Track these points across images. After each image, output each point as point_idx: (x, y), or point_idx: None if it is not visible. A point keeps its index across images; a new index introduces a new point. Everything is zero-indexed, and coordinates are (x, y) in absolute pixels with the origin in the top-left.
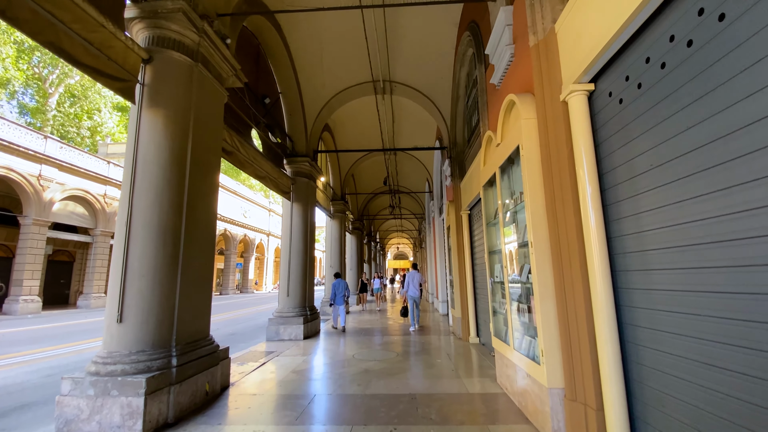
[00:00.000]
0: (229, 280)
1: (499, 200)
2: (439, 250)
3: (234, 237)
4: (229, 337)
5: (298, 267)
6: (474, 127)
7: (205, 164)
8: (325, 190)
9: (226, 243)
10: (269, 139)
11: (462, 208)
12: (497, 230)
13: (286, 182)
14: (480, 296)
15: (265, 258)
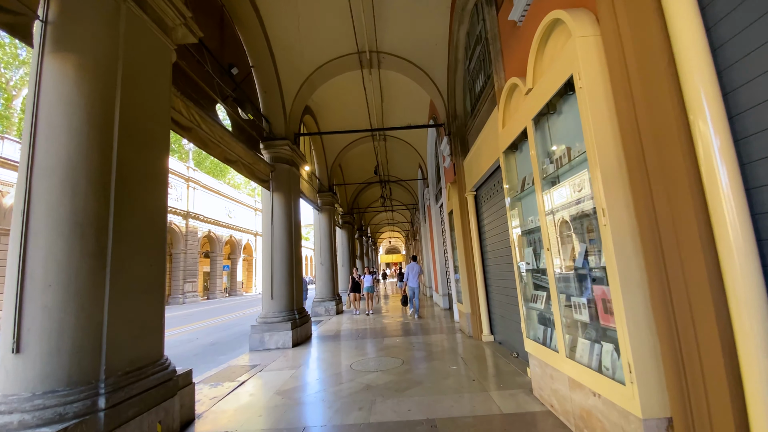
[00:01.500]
0: (216, 283)
1: (535, 163)
2: (437, 240)
3: (219, 238)
4: (209, 349)
5: (283, 265)
6: (479, 92)
7: (146, 136)
8: (310, 181)
9: (211, 245)
10: (239, 117)
11: (466, 189)
12: (531, 204)
13: (263, 169)
14: (493, 288)
15: (254, 259)
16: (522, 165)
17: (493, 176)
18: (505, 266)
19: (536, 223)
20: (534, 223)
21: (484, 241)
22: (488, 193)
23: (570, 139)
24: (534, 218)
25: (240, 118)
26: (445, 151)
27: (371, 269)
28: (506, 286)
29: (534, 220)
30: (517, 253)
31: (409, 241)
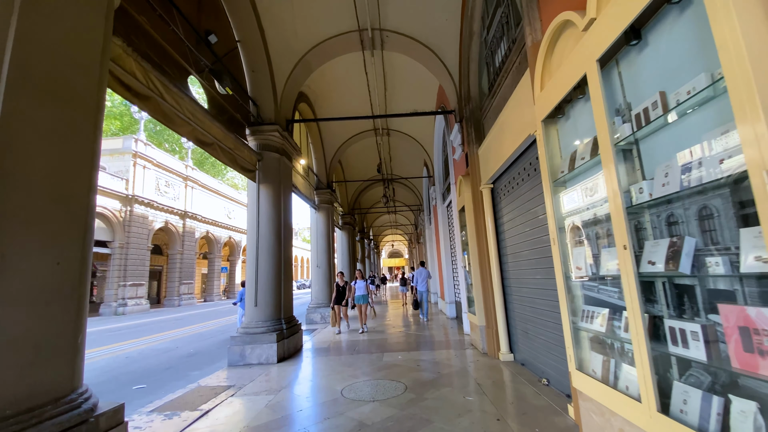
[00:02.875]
0: (214, 285)
1: (602, 122)
2: (444, 242)
3: (218, 239)
4: (185, 361)
5: (270, 268)
6: (500, 65)
7: (58, 86)
8: (307, 177)
9: (210, 246)
10: (217, 94)
11: (482, 182)
12: (586, 186)
13: (248, 157)
14: (514, 298)
15: None
16: (571, 135)
17: (516, 163)
18: (531, 271)
19: (598, 212)
20: (594, 213)
21: (503, 241)
22: (509, 185)
23: (664, 81)
24: (595, 205)
25: (218, 95)
26: (455, 141)
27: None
28: (532, 295)
29: (594, 208)
30: (558, 254)
31: (412, 244)
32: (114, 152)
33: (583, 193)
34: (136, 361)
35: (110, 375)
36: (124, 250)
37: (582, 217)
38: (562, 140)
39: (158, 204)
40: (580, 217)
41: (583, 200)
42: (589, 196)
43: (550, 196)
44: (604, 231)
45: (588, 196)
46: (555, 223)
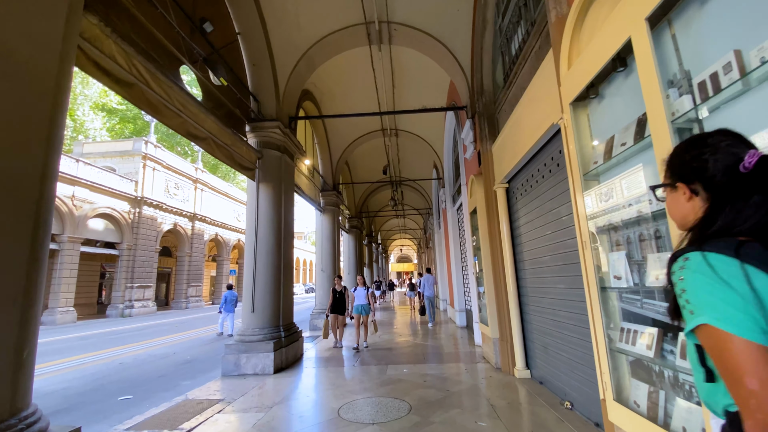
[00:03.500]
0: (223, 288)
1: (656, 95)
2: (454, 247)
3: (227, 242)
4: (180, 368)
5: (269, 271)
6: (516, 52)
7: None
8: (312, 178)
9: (218, 248)
10: (213, 85)
11: (496, 181)
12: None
13: (247, 154)
14: (532, 308)
15: None
16: (606, 119)
17: (536, 159)
18: (552, 279)
19: (643, 209)
20: (638, 210)
21: (519, 245)
22: (527, 184)
23: (740, 37)
24: (640, 200)
25: (215, 87)
26: (467, 138)
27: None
28: (553, 306)
29: (639, 204)
30: (591, 261)
31: (421, 249)
32: (124, 154)
33: (623, 186)
34: (129, 368)
35: (98, 384)
36: (132, 251)
37: (622, 215)
38: (595, 126)
39: (167, 206)
40: (619, 215)
41: (623, 195)
42: (630, 189)
43: (580, 192)
44: (651, 232)
45: (629, 190)
46: (586, 223)
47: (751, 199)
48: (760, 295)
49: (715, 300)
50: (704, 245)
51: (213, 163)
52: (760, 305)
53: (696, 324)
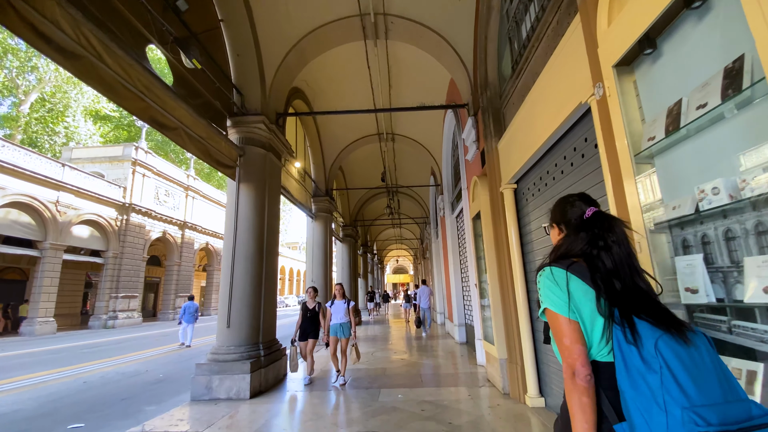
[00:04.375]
0: (212, 299)
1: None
2: (453, 256)
3: (218, 252)
4: (148, 389)
5: (248, 281)
6: (528, 35)
7: None
8: (303, 182)
9: (209, 258)
10: (185, 67)
11: (502, 182)
12: (707, 154)
13: (226, 150)
14: None
15: None
16: (666, 81)
17: (552, 153)
18: None
19: (739, 192)
20: (724, 196)
21: (530, 253)
22: (541, 183)
23: None
24: (726, 182)
25: (188, 73)
26: (468, 138)
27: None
28: None
29: (728, 187)
30: (649, 268)
31: (417, 260)
32: (113, 159)
33: (698, 164)
34: (93, 388)
35: (52, 406)
36: (117, 260)
37: (694, 205)
38: (648, 93)
39: (156, 213)
40: (688, 205)
41: (699, 176)
42: (711, 167)
43: (630, 179)
44: (748, 225)
45: (709, 169)
46: (641, 219)
47: (580, 235)
48: (571, 291)
49: (551, 294)
50: (552, 263)
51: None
52: (571, 297)
53: (543, 308)
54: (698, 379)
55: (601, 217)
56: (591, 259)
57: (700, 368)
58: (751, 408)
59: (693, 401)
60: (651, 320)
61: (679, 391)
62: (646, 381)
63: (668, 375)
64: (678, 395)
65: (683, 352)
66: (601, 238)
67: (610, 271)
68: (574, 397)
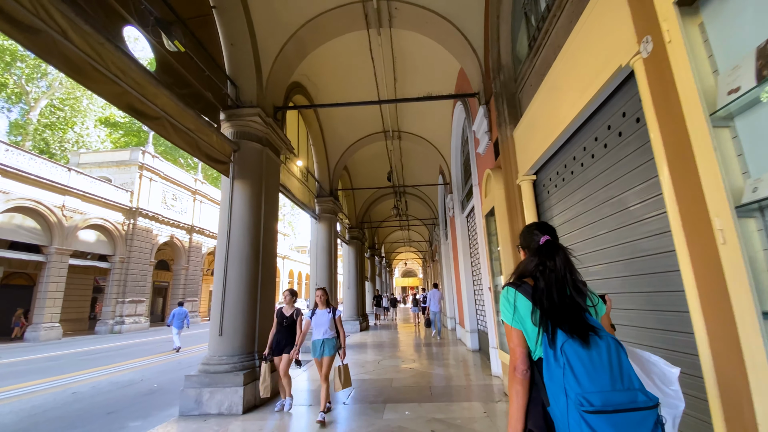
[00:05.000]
0: None
1: None
2: (464, 258)
3: None
4: (139, 400)
5: (242, 285)
6: (547, 6)
7: None
8: (306, 182)
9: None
10: (165, 49)
11: (519, 174)
12: None
13: (218, 144)
14: None
15: None
16: (750, 16)
17: (579, 136)
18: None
19: None
20: None
21: None
22: (566, 171)
23: None
24: None
25: (172, 57)
26: (479, 129)
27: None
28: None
29: None
30: (741, 265)
31: (426, 263)
32: (121, 164)
33: None
34: (81, 400)
35: (32, 421)
36: (124, 264)
37: None
38: (718, 37)
39: (163, 217)
40: None
41: None
42: None
43: (706, 146)
44: None
45: None
46: (726, 203)
47: (532, 258)
48: (517, 306)
49: (504, 309)
50: (508, 283)
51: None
52: (516, 311)
53: (501, 319)
54: (591, 372)
55: (548, 245)
56: (535, 279)
57: (595, 364)
58: (637, 395)
59: (584, 389)
60: (566, 329)
61: (575, 381)
62: (556, 374)
63: (568, 369)
64: (573, 384)
65: (583, 353)
66: (543, 263)
67: (543, 291)
68: (513, 386)
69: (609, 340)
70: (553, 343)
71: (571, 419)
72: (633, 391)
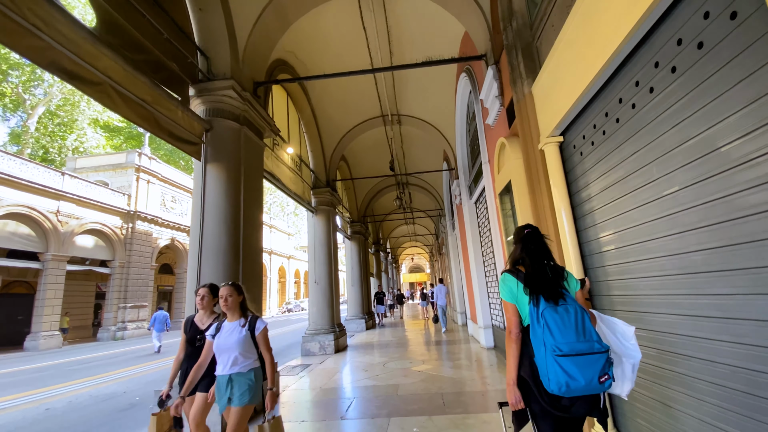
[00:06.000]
0: None
1: None
2: (474, 248)
3: None
4: (117, 416)
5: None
6: None
7: None
8: (298, 171)
9: None
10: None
11: (541, 136)
12: None
13: (184, 122)
14: None
15: (268, 279)
16: None
17: (616, 81)
18: (690, 282)
19: None
20: None
21: (588, 230)
22: (607, 123)
23: None
24: None
25: (114, 11)
26: (489, 95)
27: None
28: (690, 331)
29: None
30: None
31: (433, 257)
32: (117, 167)
33: None
34: (52, 417)
35: None
36: (124, 269)
37: None
38: None
39: (163, 220)
40: None
41: None
42: None
43: None
44: None
45: None
46: None
47: (519, 246)
48: (512, 287)
49: (503, 289)
50: (505, 270)
51: None
52: (512, 291)
53: (501, 297)
54: (562, 329)
55: (530, 234)
56: (525, 265)
57: (565, 324)
58: (594, 345)
59: (557, 341)
60: (546, 296)
61: (550, 336)
62: (538, 332)
63: (546, 328)
64: (549, 338)
65: (557, 316)
66: (526, 248)
67: (530, 275)
68: (509, 344)
69: (576, 307)
70: (537, 310)
71: (548, 362)
72: (591, 342)
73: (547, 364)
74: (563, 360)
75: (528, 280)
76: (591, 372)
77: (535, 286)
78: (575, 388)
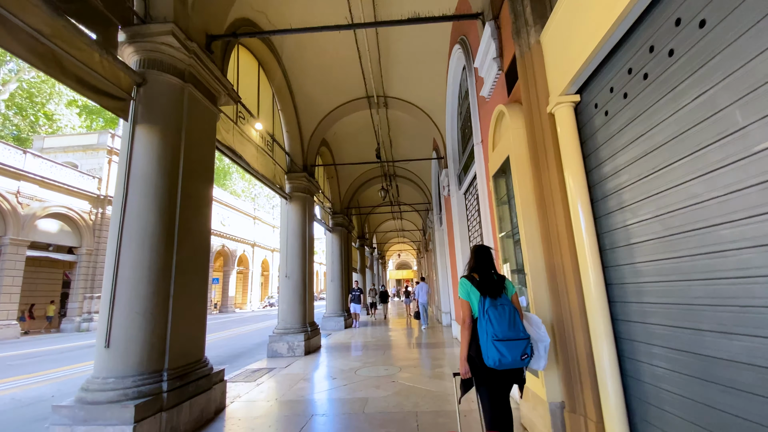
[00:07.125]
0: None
1: None
2: (461, 243)
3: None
4: (30, 427)
5: (142, 275)
6: None
7: None
8: (270, 152)
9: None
10: None
11: (551, 98)
12: None
13: (108, 71)
14: (657, 344)
15: (250, 272)
16: None
17: (648, 21)
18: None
19: None
20: None
21: (610, 215)
22: (642, 72)
23: None
24: None
25: None
26: (485, 59)
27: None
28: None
29: None
30: None
31: (420, 253)
32: (87, 148)
33: None
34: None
35: None
36: (92, 257)
37: None
38: None
39: None
40: None
41: None
42: None
43: None
44: None
45: None
46: None
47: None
48: (467, 289)
49: (461, 290)
50: (463, 276)
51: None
52: (467, 291)
53: (459, 296)
54: (500, 321)
55: (480, 249)
56: (476, 271)
57: (502, 318)
58: (520, 333)
59: (495, 330)
60: (491, 296)
61: (491, 326)
62: (483, 324)
63: (488, 321)
64: (490, 328)
65: (496, 312)
66: (478, 260)
67: (478, 280)
68: (463, 332)
69: (510, 306)
70: (483, 308)
71: (488, 345)
72: (518, 331)
73: (487, 346)
74: (498, 343)
75: (479, 285)
76: (516, 352)
77: (484, 290)
78: (505, 363)
